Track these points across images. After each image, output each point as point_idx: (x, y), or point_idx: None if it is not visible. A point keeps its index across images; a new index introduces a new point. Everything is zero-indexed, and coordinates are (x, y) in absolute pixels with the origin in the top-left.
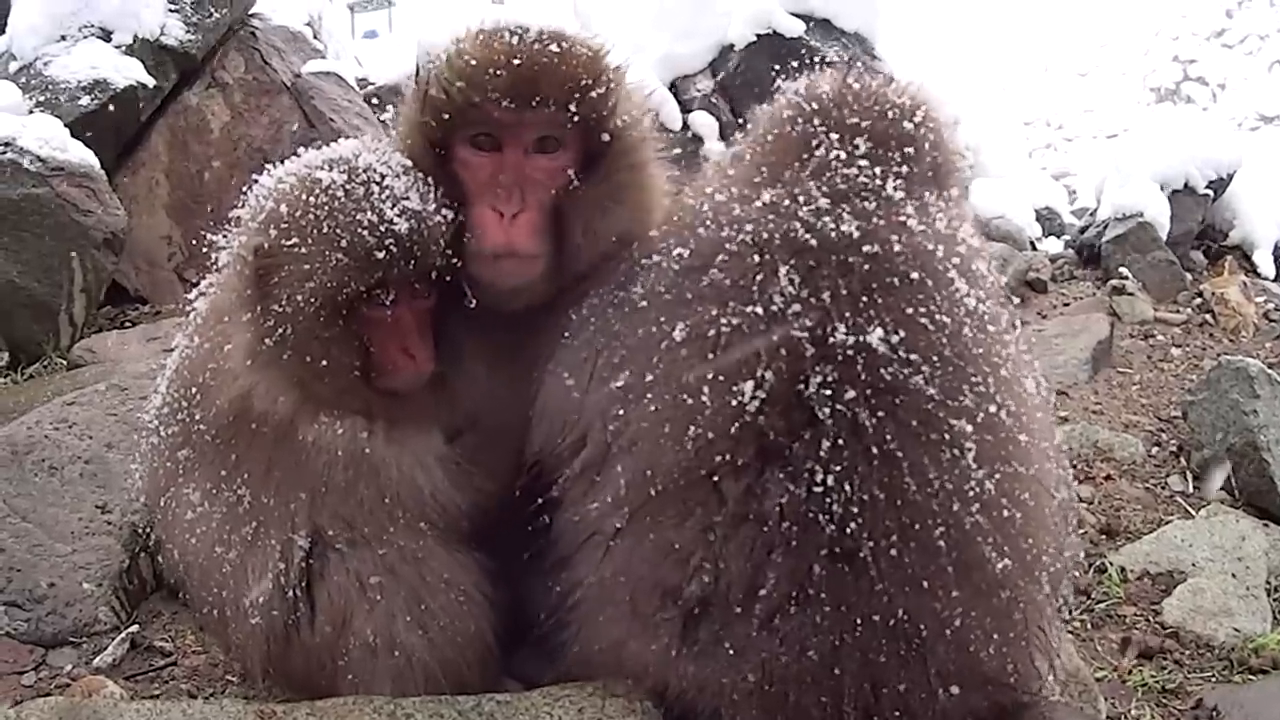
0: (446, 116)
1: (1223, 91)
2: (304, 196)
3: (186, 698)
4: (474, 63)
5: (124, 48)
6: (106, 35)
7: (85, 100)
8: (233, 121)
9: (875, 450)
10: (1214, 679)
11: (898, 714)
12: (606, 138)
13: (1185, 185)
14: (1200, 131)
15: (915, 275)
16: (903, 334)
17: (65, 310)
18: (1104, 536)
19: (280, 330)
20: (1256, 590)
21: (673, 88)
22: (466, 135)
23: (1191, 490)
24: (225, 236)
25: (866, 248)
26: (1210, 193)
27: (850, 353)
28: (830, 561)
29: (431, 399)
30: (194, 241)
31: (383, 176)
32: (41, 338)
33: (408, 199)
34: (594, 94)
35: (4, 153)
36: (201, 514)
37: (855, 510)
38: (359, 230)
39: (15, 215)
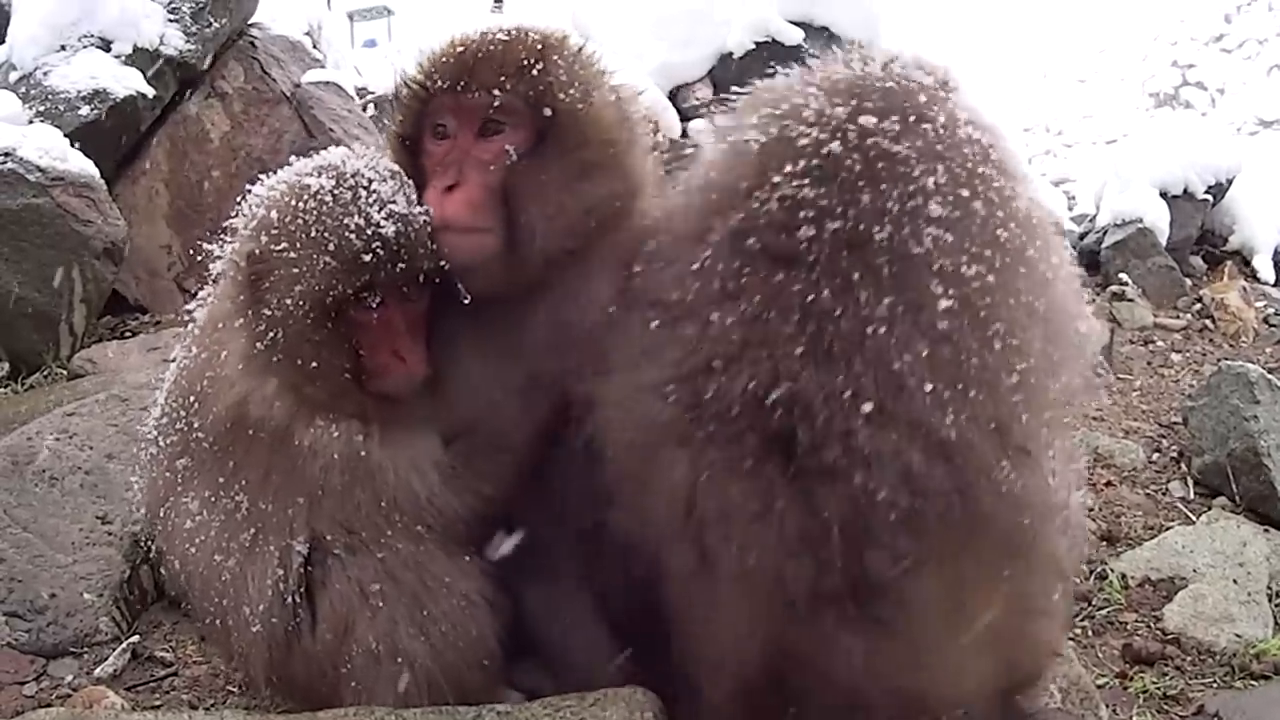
0: (408, 110)
1: (1221, 96)
2: (293, 202)
3: (188, 709)
4: (429, 57)
5: (123, 58)
6: (106, 45)
7: (85, 110)
8: (232, 131)
9: None
10: (1215, 685)
11: None
12: (549, 113)
13: (1185, 191)
14: (1199, 137)
15: None
16: None
17: (65, 320)
18: (1105, 543)
19: (272, 334)
20: (1258, 596)
21: (672, 96)
22: (426, 127)
23: (1192, 496)
24: (220, 246)
25: None
26: (1209, 198)
27: None
28: None
29: (427, 403)
30: (194, 251)
31: (370, 181)
32: (42, 348)
33: (394, 203)
34: (531, 74)
35: (4, 163)
36: (200, 522)
37: None
38: (346, 234)
39: (15, 225)
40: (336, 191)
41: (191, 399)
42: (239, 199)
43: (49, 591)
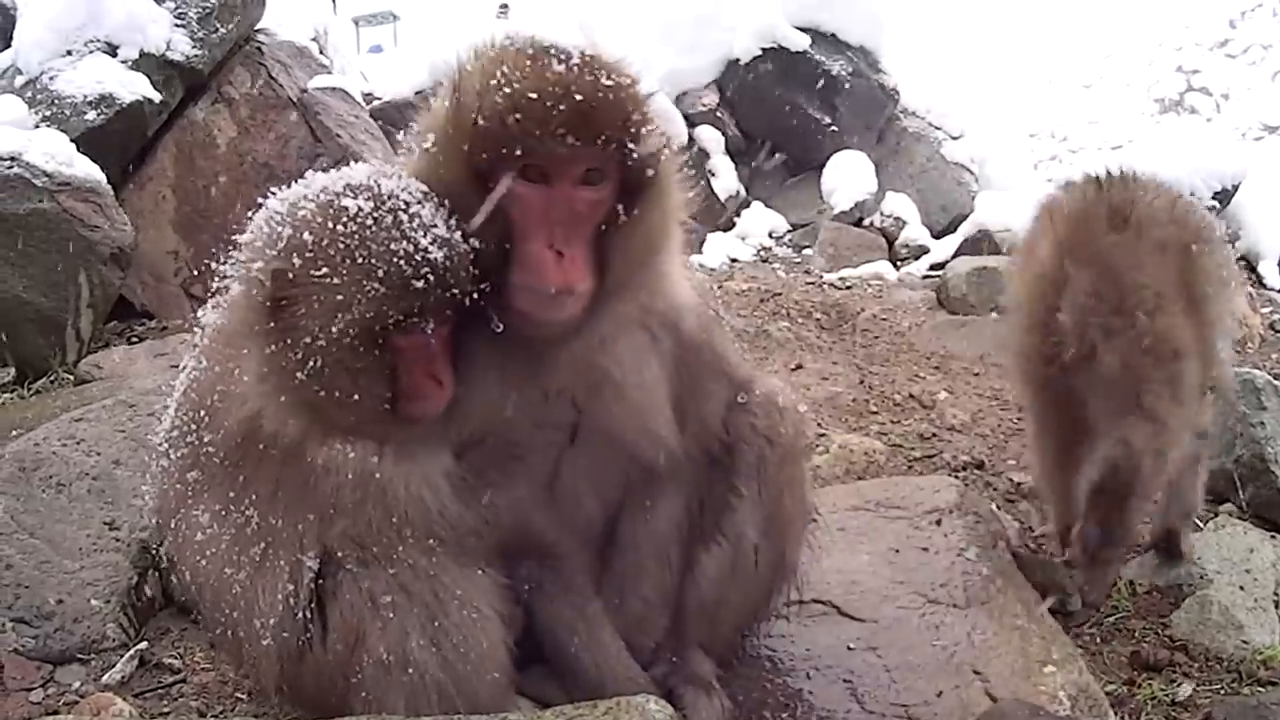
0: (498, 148)
1: (1226, 102)
2: (331, 224)
3: (196, 715)
4: (530, 96)
5: (130, 63)
6: (112, 50)
7: (91, 115)
8: (239, 137)
9: None
10: (1223, 691)
11: None
12: (651, 172)
13: (1190, 196)
14: (1205, 143)
15: None
16: None
17: (72, 325)
18: None
19: (310, 361)
20: (1265, 602)
21: (678, 102)
22: (516, 167)
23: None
24: (231, 261)
25: None
26: (1215, 204)
27: None
28: None
29: (441, 418)
30: (203, 258)
31: (408, 204)
32: (48, 353)
33: (436, 226)
34: (643, 128)
35: (10, 167)
36: (211, 535)
37: None
38: (395, 259)
39: (22, 230)
40: (378, 215)
41: (202, 413)
42: (250, 211)
43: (56, 597)
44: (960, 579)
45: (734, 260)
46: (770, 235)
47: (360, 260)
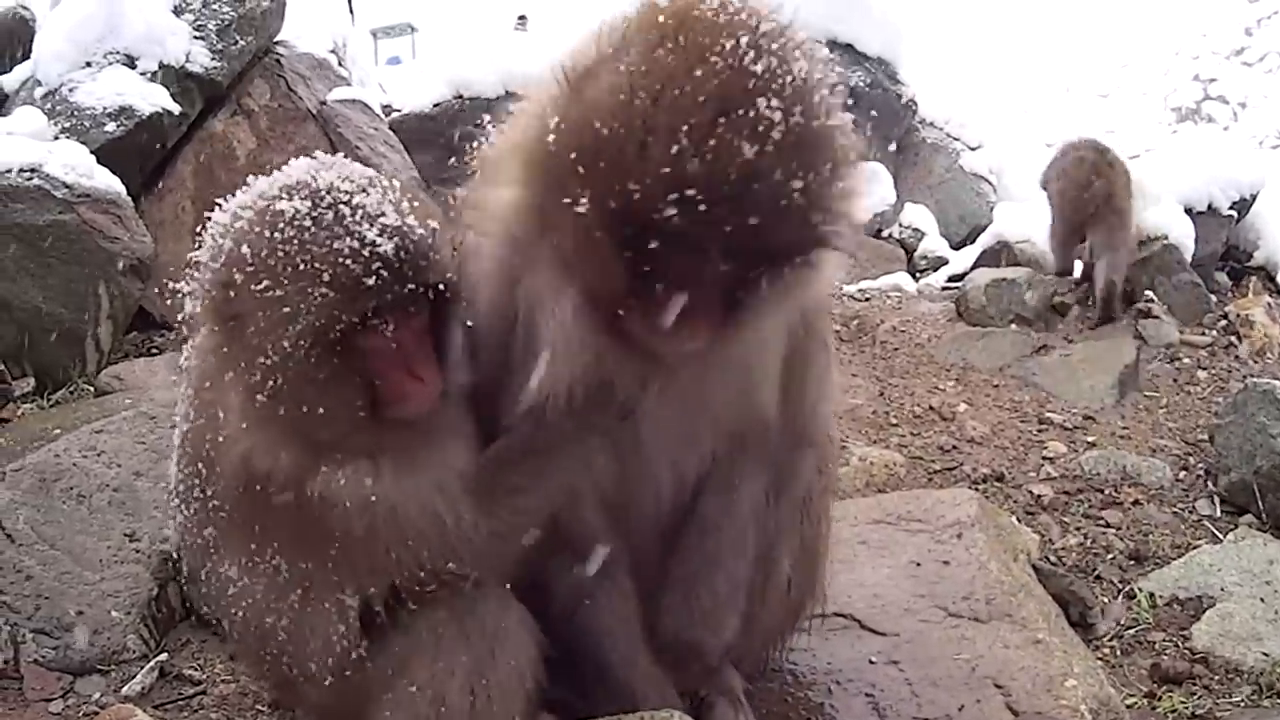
0: (650, 227)
1: (1244, 110)
2: (266, 232)
3: None
4: (711, 191)
5: (149, 75)
6: (131, 62)
7: (111, 127)
8: (259, 148)
9: None
10: (1243, 703)
11: None
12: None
13: (1209, 206)
14: (1223, 152)
15: None
16: None
17: (91, 336)
18: (1133, 562)
19: (269, 380)
20: None
21: None
22: (667, 246)
23: (1219, 514)
24: (188, 284)
25: None
26: (1234, 214)
27: None
28: None
29: (440, 414)
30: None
31: (349, 195)
32: (67, 363)
33: (383, 215)
34: (839, 224)
35: (30, 179)
36: (244, 588)
37: None
38: (340, 259)
39: (42, 241)
40: (316, 214)
41: (200, 465)
42: (199, 229)
43: (76, 609)
44: (981, 592)
45: None
46: None
47: (301, 266)
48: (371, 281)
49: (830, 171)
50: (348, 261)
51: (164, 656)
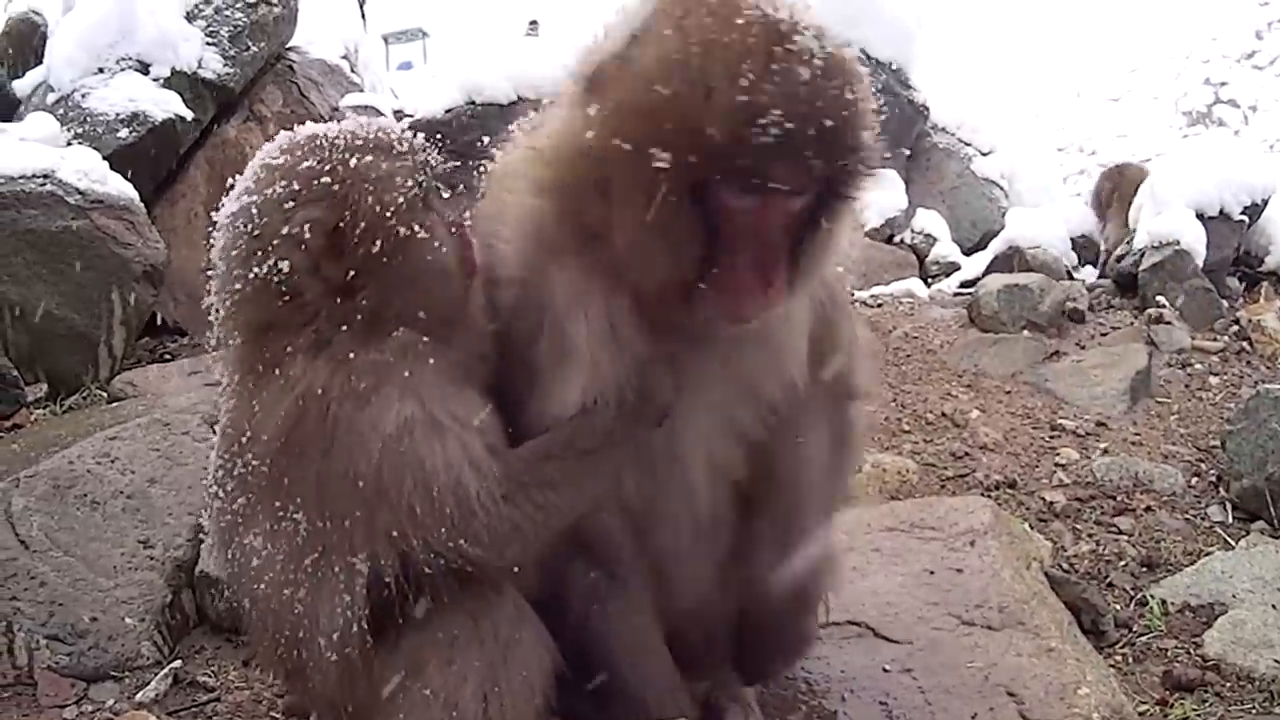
0: (725, 162)
1: (1254, 114)
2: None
3: None
4: (778, 111)
5: (162, 81)
6: (144, 68)
7: (124, 132)
8: None
9: None
10: (1255, 711)
11: None
12: (866, 184)
13: (1220, 211)
14: (1234, 157)
15: None
16: None
17: (105, 342)
18: (1145, 569)
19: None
20: None
21: None
22: (736, 179)
23: (1231, 520)
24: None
25: None
26: (1245, 219)
27: None
28: None
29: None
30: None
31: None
32: (80, 369)
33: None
34: (874, 147)
35: (43, 185)
36: (266, 559)
37: None
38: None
39: (55, 247)
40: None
41: (244, 436)
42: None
43: (90, 615)
44: (995, 600)
45: None
46: None
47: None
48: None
49: (865, 89)
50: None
51: (178, 663)
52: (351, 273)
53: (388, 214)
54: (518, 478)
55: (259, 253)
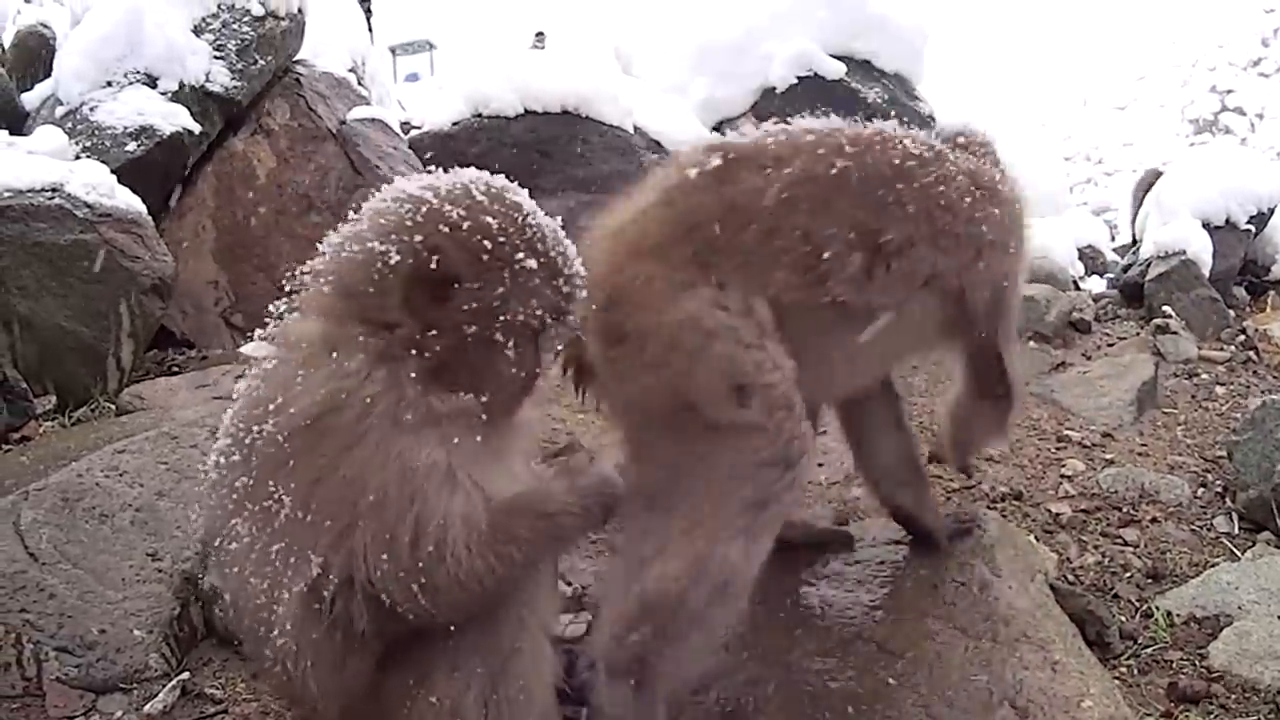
0: None
1: (1261, 121)
2: (514, 214)
3: None
4: None
5: (169, 94)
6: (152, 82)
7: (132, 146)
8: (279, 168)
9: None
10: None
11: None
12: None
13: (1227, 220)
14: (1240, 166)
15: None
16: None
17: (113, 354)
18: (1151, 580)
19: (430, 340)
20: None
21: (716, 131)
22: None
23: (1237, 531)
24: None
25: None
26: (1251, 228)
27: None
28: None
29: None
30: (243, 288)
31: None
32: (88, 382)
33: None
34: None
35: (51, 198)
36: (247, 544)
37: None
38: (566, 260)
39: (63, 261)
40: (541, 214)
41: (272, 403)
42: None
43: (99, 627)
44: (1000, 613)
45: None
46: None
47: (548, 252)
48: (580, 291)
49: None
50: (571, 265)
51: (186, 675)
52: (442, 324)
53: (500, 314)
54: (488, 529)
55: (383, 243)
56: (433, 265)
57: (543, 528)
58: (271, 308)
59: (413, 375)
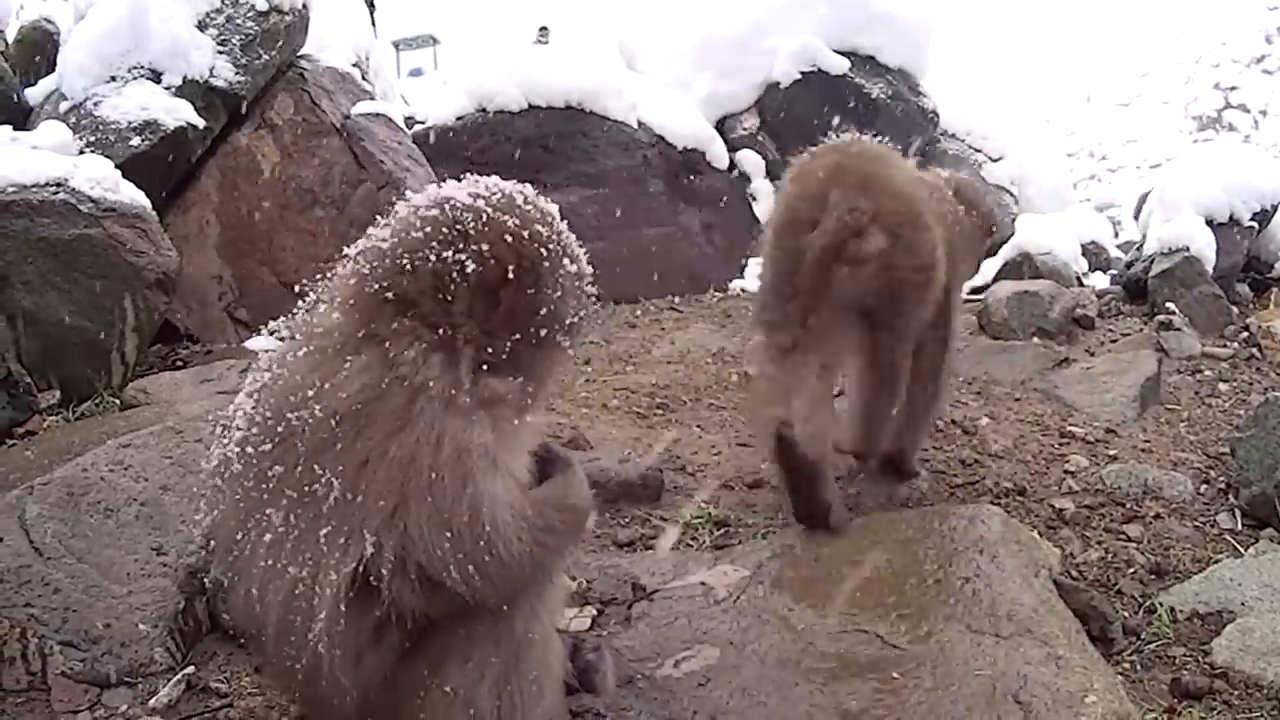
0: None
1: (1264, 118)
2: (553, 223)
3: None
4: None
5: (173, 89)
6: (156, 76)
7: (136, 141)
8: (283, 162)
9: None
10: (1264, 719)
11: None
12: None
13: (1230, 218)
14: (1244, 163)
15: None
16: None
17: (117, 349)
18: (1154, 576)
19: (480, 335)
20: None
21: (719, 126)
22: None
23: (1240, 528)
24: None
25: None
26: (1255, 225)
27: None
28: None
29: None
30: (247, 283)
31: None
32: (93, 376)
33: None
34: None
35: (55, 193)
36: (282, 534)
37: None
38: (580, 259)
39: (67, 255)
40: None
41: (312, 389)
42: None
43: (104, 621)
44: (1004, 608)
45: None
46: None
47: (579, 257)
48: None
49: None
50: (587, 267)
51: (190, 669)
52: (499, 326)
53: (554, 316)
54: (529, 519)
55: (447, 250)
56: (499, 272)
57: (572, 520)
58: (298, 304)
59: (467, 365)
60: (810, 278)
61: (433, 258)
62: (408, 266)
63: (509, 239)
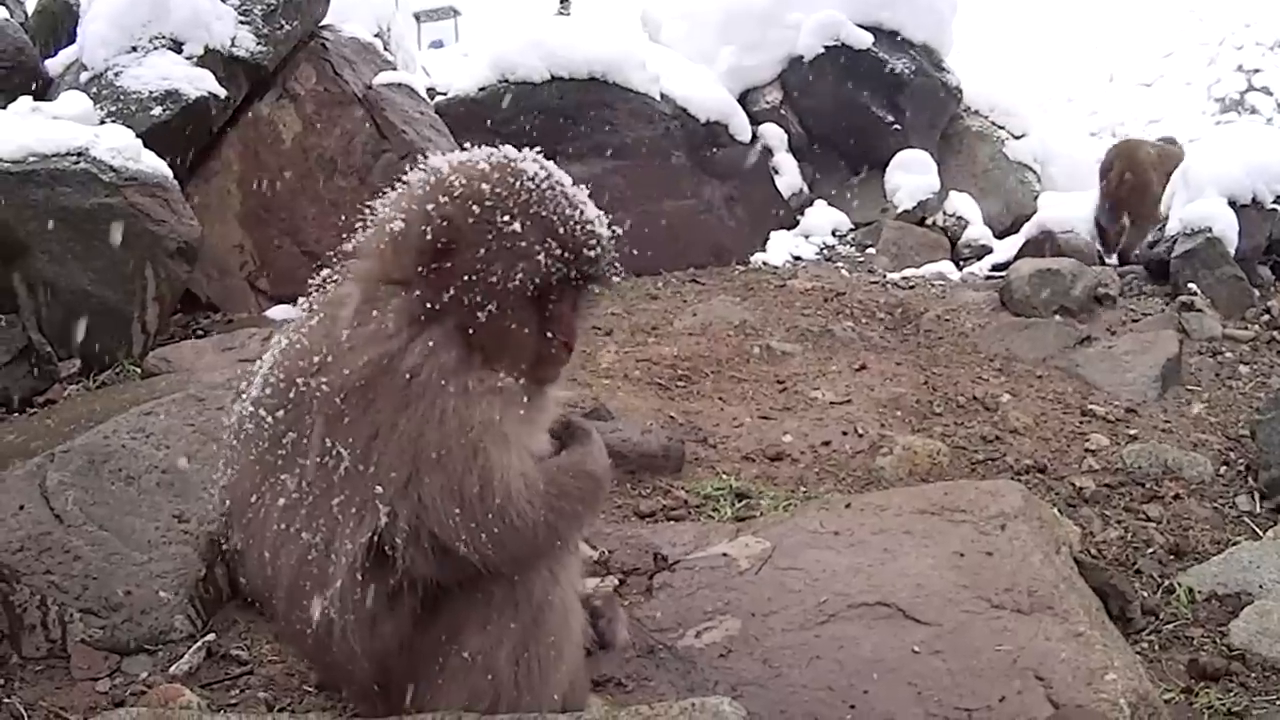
0: None
1: None
2: (509, 179)
3: (264, 707)
4: None
5: (195, 59)
6: (177, 46)
7: (157, 110)
8: (304, 132)
9: None
10: None
11: None
12: None
13: (1253, 199)
14: (1267, 144)
15: None
16: None
17: (138, 318)
18: (1172, 557)
19: (466, 299)
20: None
21: (742, 100)
22: None
23: (1259, 510)
24: (368, 221)
25: None
26: (1277, 207)
27: None
28: None
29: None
30: (268, 252)
31: (567, 179)
32: (114, 345)
33: (589, 205)
34: None
35: (77, 163)
36: (295, 500)
37: None
38: (573, 223)
39: (89, 224)
40: (551, 180)
41: (322, 358)
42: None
43: (125, 589)
44: (1024, 584)
45: (797, 258)
46: (834, 234)
47: (543, 215)
48: (591, 252)
49: None
50: (578, 227)
51: (211, 636)
52: (448, 286)
53: (488, 276)
54: (544, 485)
55: (398, 211)
56: (432, 231)
57: (589, 487)
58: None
59: (449, 340)
60: None
61: (387, 218)
62: (376, 230)
63: (446, 198)
